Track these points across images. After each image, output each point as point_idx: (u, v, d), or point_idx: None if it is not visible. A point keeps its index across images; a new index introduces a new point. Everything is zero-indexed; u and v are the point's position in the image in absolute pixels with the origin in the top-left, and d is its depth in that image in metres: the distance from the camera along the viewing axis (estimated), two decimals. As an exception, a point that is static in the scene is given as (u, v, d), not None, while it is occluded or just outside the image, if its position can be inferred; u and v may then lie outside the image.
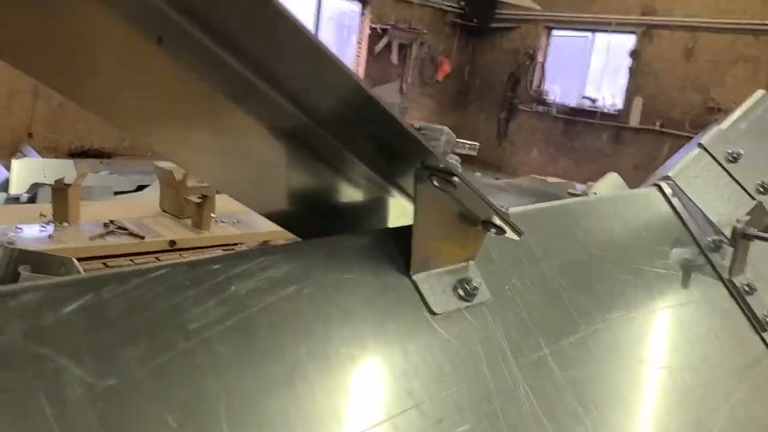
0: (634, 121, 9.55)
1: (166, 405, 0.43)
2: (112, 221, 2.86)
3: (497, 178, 9.41)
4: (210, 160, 0.65)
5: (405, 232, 0.63)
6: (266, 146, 0.65)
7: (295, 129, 0.62)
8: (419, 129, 1.58)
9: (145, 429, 0.41)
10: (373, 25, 9.59)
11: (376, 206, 0.74)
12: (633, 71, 9.62)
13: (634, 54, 9.57)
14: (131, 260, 3.92)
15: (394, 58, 9.83)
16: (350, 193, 0.73)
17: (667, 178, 1.02)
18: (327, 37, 9.40)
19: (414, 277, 0.62)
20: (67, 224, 2.75)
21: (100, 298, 0.44)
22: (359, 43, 9.76)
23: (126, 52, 0.50)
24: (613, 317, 0.76)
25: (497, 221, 0.64)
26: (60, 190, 2.76)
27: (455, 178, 0.58)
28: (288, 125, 0.61)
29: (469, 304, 0.64)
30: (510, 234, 0.65)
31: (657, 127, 9.23)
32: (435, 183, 0.59)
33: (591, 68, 10.26)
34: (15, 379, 0.38)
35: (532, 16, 10.30)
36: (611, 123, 9.81)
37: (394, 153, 0.62)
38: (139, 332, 0.44)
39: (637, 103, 9.54)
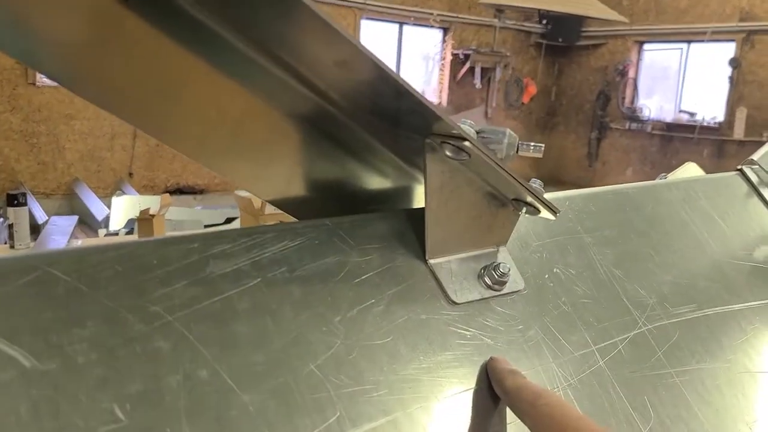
0: (738, 133, 8.92)
1: (114, 394, 0.38)
2: (194, 248, 2.94)
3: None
4: (210, 143, 0.61)
5: (422, 213, 0.56)
6: (282, 133, 0.61)
7: (310, 114, 0.57)
8: (479, 132, 1.49)
9: (85, 420, 0.36)
10: (455, 51, 9.56)
11: (401, 192, 0.67)
12: (734, 81, 9.03)
13: (735, 62, 8.99)
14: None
15: (478, 82, 9.74)
16: (373, 180, 0.67)
17: (751, 161, 0.90)
18: (409, 66, 9.48)
19: (430, 262, 0.55)
20: (152, 252, 2.84)
21: (50, 276, 0.40)
22: (441, 69, 9.76)
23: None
24: (683, 312, 0.65)
25: (528, 199, 0.56)
26: (145, 221, 2.86)
27: (467, 144, 0.50)
28: (300, 108, 0.56)
29: (496, 293, 0.56)
30: (545, 213, 0.57)
31: (764, 138, 8.57)
32: (447, 153, 0.52)
33: (687, 81, 9.74)
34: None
35: (620, 32, 9.93)
36: (712, 137, 9.22)
37: (410, 127, 0.55)
38: (90, 313, 0.40)
39: (741, 113, 8.93)
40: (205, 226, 5.33)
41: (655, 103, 10.03)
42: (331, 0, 8.25)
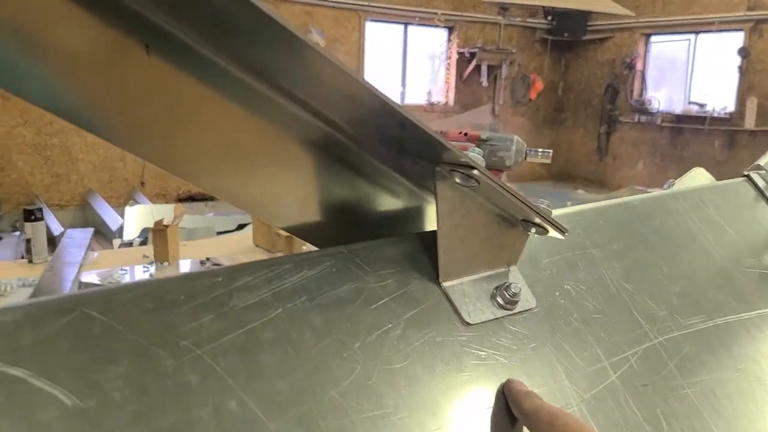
0: (749, 123, 8.86)
1: (148, 428, 0.40)
2: (208, 258, 2.97)
3: (599, 194, 9.00)
4: (227, 176, 0.64)
5: (434, 236, 0.58)
6: (294, 160, 0.63)
7: (318, 139, 0.59)
8: (486, 140, 1.51)
9: (123, 453, 0.38)
10: (461, 50, 9.56)
11: (413, 214, 0.69)
12: (744, 70, 8.96)
13: (744, 52, 8.93)
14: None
15: (484, 80, 9.73)
16: (383, 202, 0.69)
17: (757, 167, 0.91)
18: (415, 66, 9.48)
19: (444, 284, 0.57)
20: (167, 263, 2.88)
21: (86, 316, 0.42)
22: (447, 69, 9.76)
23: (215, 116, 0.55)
24: (692, 323, 0.67)
25: (537, 220, 0.58)
26: (159, 231, 2.90)
27: (476, 172, 0.52)
28: (310, 136, 0.59)
29: (509, 312, 0.58)
30: (553, 233, 0.58)
31: (776, 127, 8.52)
32: (457, 180, 0.54)
33: (696, 72, 9.68)
34: (-17, 401, 0.37)
35: (626, 24, 9.89)
36: (723, 127, 9.15)
37: (418, 154, 0.57)
38: (124, 351, 0.42)
39: (751, 103, 8.86)
40: (218, 233, 5.37)
41: (664, 95, 9.98)
42: (336, 3, 8.28)
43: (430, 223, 0.68)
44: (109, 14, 0.46)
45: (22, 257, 4.63)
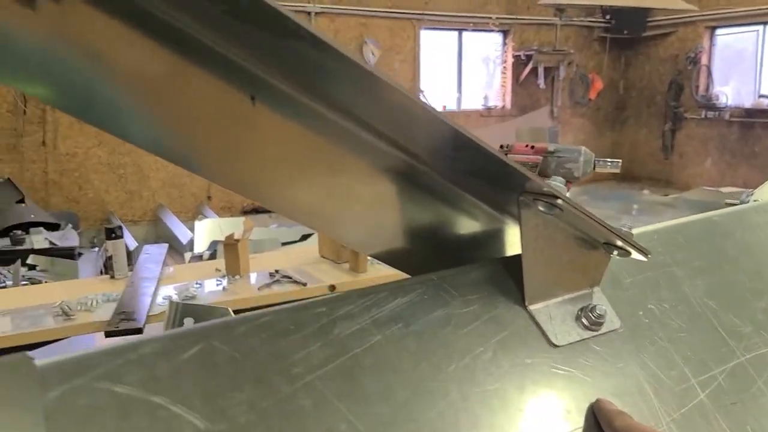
0: (826, 114, 8.44)
1: (271, 449, 0.44)
2: (277, 270, 3.06)
3: (666, 194, 8.74)
4: (321, 208, 0.68)
5: (518, 260, 0.60)
6: (373, 187, 0.67)
7: (398, 168, 0.63)
8: (553, 152, 1.52)
9: (250, 473, 0.43)
10: (516, 53, 9.49)
11: (492, 236, 0.71)
12: (818, 59, 8.55)
13: (817, 40, 8.52)
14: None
15: (541, 82, 9.62)
16: (463, 225, 0.72)
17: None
18: (470, 71, 9.46)
19: (530, 307, 0.59)
20: (238, 276, 2.98)
21: (211, 347, 0.47)
22: (503, 72, 9.70)
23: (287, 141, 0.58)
24: (780, 340, 0.67)
25: (619, 243, 0.60)
26: (230, 245, 3.00)
27: (559, 201, 0.54)
28: (391, 165, 0.62)
29: (595, 333, 0.60)
30: (636, 255, 0.60)
31: None
32: (540, 208, 0.56)
33: (766, 63, 9.28)
34: (132, 428, 0.41)
35: (689, 18, 9.59)
36: (797, 120, 8.75)
37: (498, 182, 0.60)
38: (245, 378, 0.46)
39: (827, 93, 8.45)
40: (282, 244, 5.49)
41: (731, 89, 9.62)
42: (390, 13, 8.35)
43: (510, 245, 0.70)
44: (220, 68, 0.51)
45: (101, 272, 4.88)
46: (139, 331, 2.37)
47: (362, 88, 0.49)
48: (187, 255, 5.25)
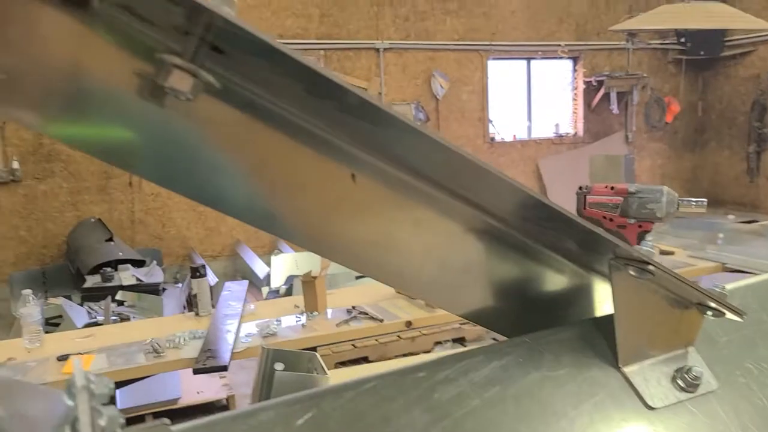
0: None
1: None
2: (354, 307, 3.11)
3: (753, 221, 8.31)
4: (413, 273, 0.71)
5: (610, 321, 0.61)
6: (462, 247, 0.69)
7: (486, 230, 0.65)
8: (635, 192, 1.51)
9: None
10: (587, 79, 9.35)
11: (581, 293, 0.72)
12: None
13: None
14: (376, 339, 4.26)
15: (614, 107, 9.41)
16: (552, 283, 0.73)
17: None
18: (540, 98, 9.38)
19: (624, 369, 0.60)
20: (317, 313, 3.04)
21: (321, 412, 0.50)
22: (575, 99, 9.57)
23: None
24: None
25: (712, 304, 0.60)
26: (308, 283, 3.08)
27: (651, 267, 0.56)
28: (479, 227, 0.65)
29: (692, 395, 0.60)
30: (730, 315, 0.60)
31: None
32: (631, 272, 0.58)
33: None
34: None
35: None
36: None
37: (586, 246, 0.61)
38: (356, 442, 0.49)
39: None
40: (356, 278, 5.56)
41: (821, 107, 9.11)
42: (457, 46, 8.43)
43: (599, 303, 0.71)
44: (325, 149, 0.55)
45: (185, 308, 5.08)
46: (224, 368, 2.45)
47: (452, 165, 0.53)
48: (265, 290, 5.39)
